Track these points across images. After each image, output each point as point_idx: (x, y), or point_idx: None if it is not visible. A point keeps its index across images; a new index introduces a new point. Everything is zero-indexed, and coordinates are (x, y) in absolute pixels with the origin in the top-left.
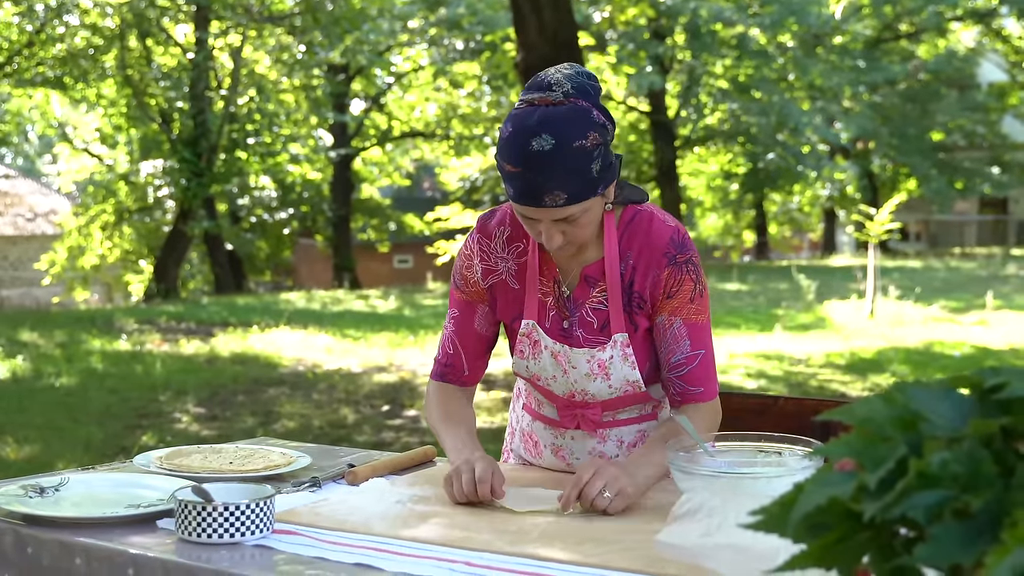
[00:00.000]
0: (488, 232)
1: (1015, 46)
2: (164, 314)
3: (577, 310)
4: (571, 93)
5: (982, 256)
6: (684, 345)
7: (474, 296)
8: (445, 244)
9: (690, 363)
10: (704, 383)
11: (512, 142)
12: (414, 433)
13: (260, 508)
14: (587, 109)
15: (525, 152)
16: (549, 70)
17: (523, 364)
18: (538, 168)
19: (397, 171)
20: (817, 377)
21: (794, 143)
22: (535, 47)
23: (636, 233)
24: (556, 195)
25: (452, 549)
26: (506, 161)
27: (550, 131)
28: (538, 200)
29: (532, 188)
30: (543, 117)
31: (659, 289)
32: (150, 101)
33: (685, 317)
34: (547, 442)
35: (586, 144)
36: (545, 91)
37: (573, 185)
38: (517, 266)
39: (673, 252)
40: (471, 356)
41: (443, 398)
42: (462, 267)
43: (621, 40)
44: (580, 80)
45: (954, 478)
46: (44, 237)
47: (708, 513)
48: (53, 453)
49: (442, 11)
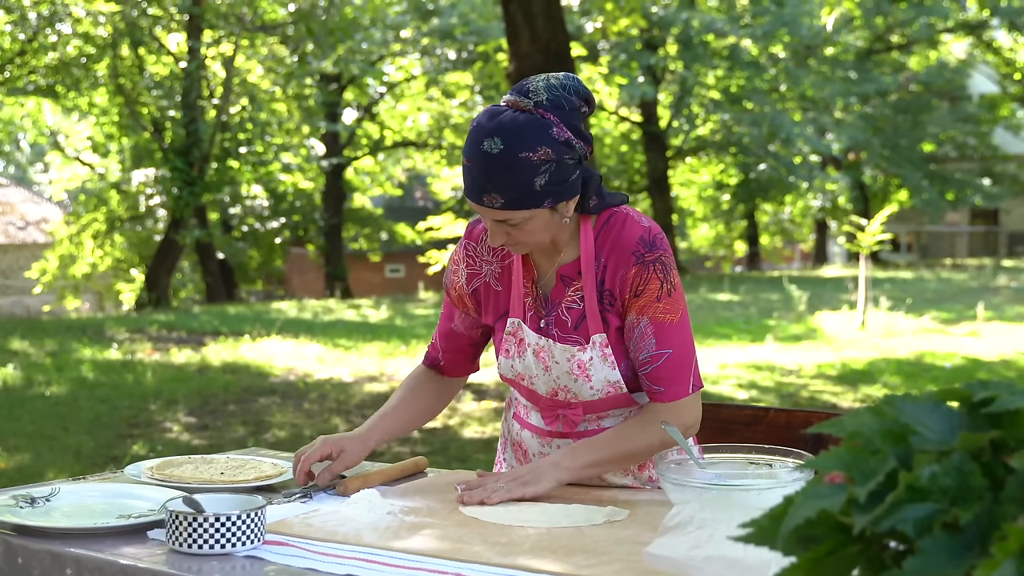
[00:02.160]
0: (474, 236)
1: (1006, 58)
2: (155, 323)
3: (554, 309)
4: (543, 104)
5: (973, 267)
6: (650, 344)
7: (456, 301)
8: (437, 254)
9: (654, 362)
10: (667, 383)
11: (471, 136)
12: (405, 443)
13: (251, 519)
14: (550, 123)
15: (476, 149)
16: (539, 76)
17: (508, 364)
18: (482, 167)
19: (389, 181)
20: (808, 388)
21: (786, 154)
22: (527, 57)
23: (609, 233)
24: (493, 197)
25: (443, 560)
26: (463, 152)
27: (503, 136)
28: (478, 198)
29: (475, 185)
30: (503, 121)
31: (627, 288)
32: (142, 110)
33: (652, 316)
34: (535, 450)
35: (532, 157)
36: (521, 96)
37: (511, 192)
38: (501, 268)
39: (642, 251)
40: (449, 351)
41: (407, 384)
42: (450, 272)
43: (613, 50)
44: (558, 94)
45: (943, 491)
46: (35, 245)
47: (698, 525)
48: (43, 462)
49: (435, 21)
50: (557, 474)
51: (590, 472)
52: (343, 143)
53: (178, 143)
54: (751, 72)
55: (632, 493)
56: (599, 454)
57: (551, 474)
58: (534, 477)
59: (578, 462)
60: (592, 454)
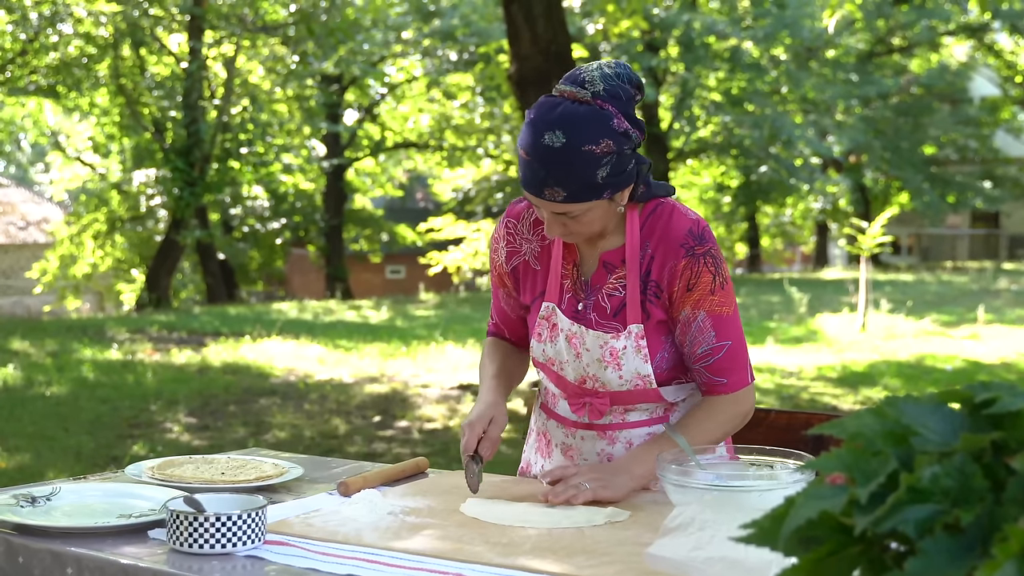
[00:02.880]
0: (516, 214)
1: (1007, 61)
2: (156, 323)
3: (593, 294)
4: (600, 94)
5: (974, 270)
6: (709, 336)
7: (497, 281)
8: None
9: (715, 354)
10: (728, 374)
11: (529, 129)
12: (406, 444)
13: (252, 519)
14: (609, 115)
15: (536, 143)
16: (591, 65)
17: (540, 348)
18: (544, 161)
19: (390, 182)
20: (809, 390)
21: (787, 156)
22: (529, 59)
23: (656, 223)
24: (555, 191)
25: (444, 561)
26: (520, 145)
27: (564, 129)
28: (538, 191)
29: (535, 178)
30: (563, 113)
31: (676, 280)
32: (143, 110)
33: (709, 309)
34: (558, 440)
35: (595, 150)
36: (576, 86)
37: (573, 185)
38: (540, 248)
39: (691, 243)
40: (511, 326)
41: (489, 349)
42: (492, 251)
43: (614, 52)
44: (615, 83)
45: (945, 492)
46: (36, 246)
47: (700, 526)
48: (44, 462)
49: (436, 22)
50: (631, 483)
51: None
52: (344, 144)
53: (179, 144)
54: (752, 74)
55: (633, 494)
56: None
57: (626, 481)
58: (612, 481)
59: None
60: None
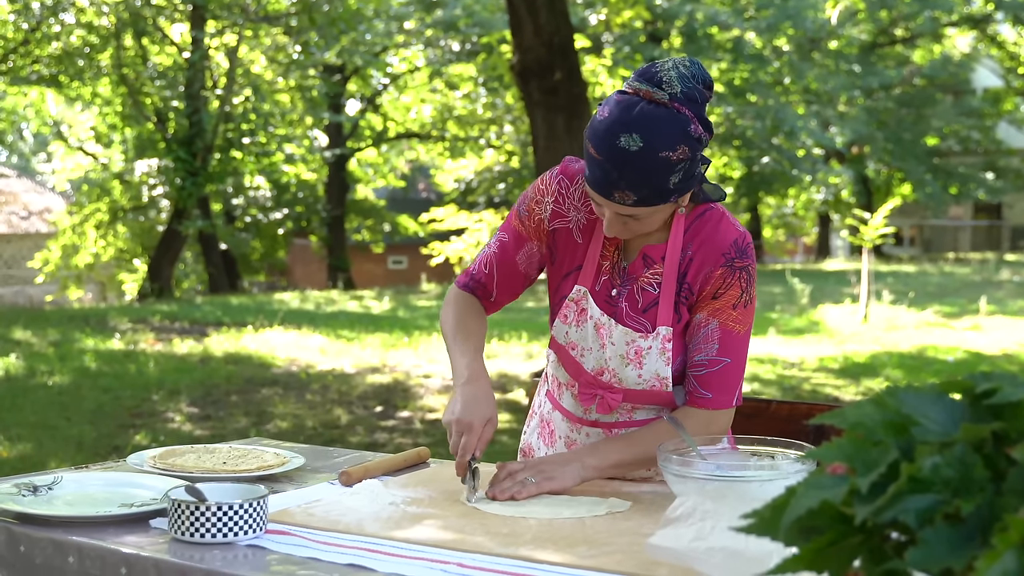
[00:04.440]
0: (571, 175)
1: (1010, 52)
2: (158, 313)
3: (628, 284)
4: (678, 97)
5: (976, 261)
6: (712, 348)
7: (531, 231)
8: (440, 245)
9: (710, 367)
10: (714, 391)
11: (603, 129)
12: (407, 434)
13: (253, 508)
14: (687, 120)
15: (611, 144)
16: (667, 62)
17: (564, 329)
18: (617, 164)
19: (392, 172)
20: (810, 381)
21: (789, 147)
22: (531, 49)
23: (703, 227)
24: (626, 194)
25: (445, 551)
26: (592, 145)
27: (642, 132)
28: (608, 193)
29: (606, 180)
30: (641, 115)
31: (708, 286)
32: (145, 100)
33: (723, 322)
34: (562, 433)
35: (672, 156)
36: (654, 86)
37: (645, 190)
38: (586, 220)
39: (733, 255)
40: (502, 283)
41: (462, 306)
42: (532, 199)
43: (617, 43)
44: (691, 85)
45: (945, 482)
46: (38, 235)
47: (701, 517)
48: (46, 452)
49: (438, 13)
50: (583, 472)
51: (615, 472)
52: (346, 134)
53: (181, 133)
54: (755, 65)
55: (634, 485)
56: (626, 454)
57: (576, 470)
58: (560, 472)
59: (605, 461)
60: (619, 454)
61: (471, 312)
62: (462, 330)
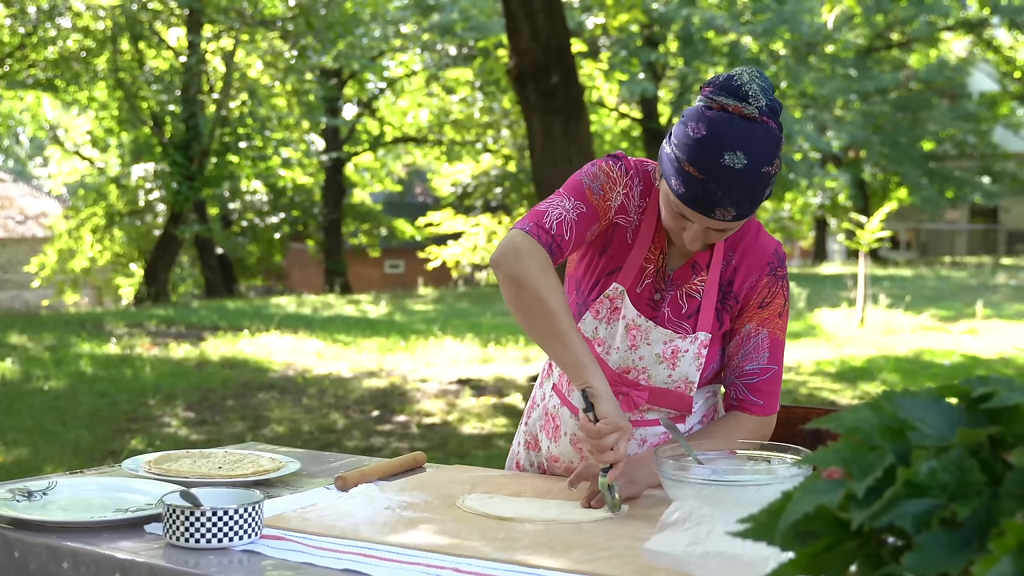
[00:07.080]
0: (642, 174)
1: (1006, 56)
2: (154, 318)
3: (672, 289)
4: (765, 111)
5: (972, 265)
6: (763, 356)
7: (602, 211)
8: (436, 249)
9: (762, 375)
10: (766, 397)
11: (704, 147)
12: (404, 439)
13: (249, 513)
14: (777, 134)
15: (715, 163)
16: (742, 75)
17: (593, 324)
18: (722, 182)
19: (389, 176)
20: (807, 385)
21: (785, 151)
22: (528, 53)
23: (743, 236)
24: (727, 211)
25: (440, 555)
26: (690, 163)
27: (745, 149)
28: (709, 210)
29: (708, 198)
30: (740, 132)
31: (754, 295)
32: (142, 104)
33: (771, 331)
34: (568, 429)
35: (771, 171)
36: (741, 100)
37: (746, 205)
38: (639, 221)
39: (775, 264)
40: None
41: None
42: (605, 183)
43: (614, 47)
44: (772, 97)
45: (942, 487)
46: (34, 240)
47: (697, 521)
48: (41, 457)
49: (435, 17)
50: (652, 478)
51: None
52: (343, 138)
53: (178, 138)
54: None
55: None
56: None
57: (647, 476)
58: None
59: None
60: None
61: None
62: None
